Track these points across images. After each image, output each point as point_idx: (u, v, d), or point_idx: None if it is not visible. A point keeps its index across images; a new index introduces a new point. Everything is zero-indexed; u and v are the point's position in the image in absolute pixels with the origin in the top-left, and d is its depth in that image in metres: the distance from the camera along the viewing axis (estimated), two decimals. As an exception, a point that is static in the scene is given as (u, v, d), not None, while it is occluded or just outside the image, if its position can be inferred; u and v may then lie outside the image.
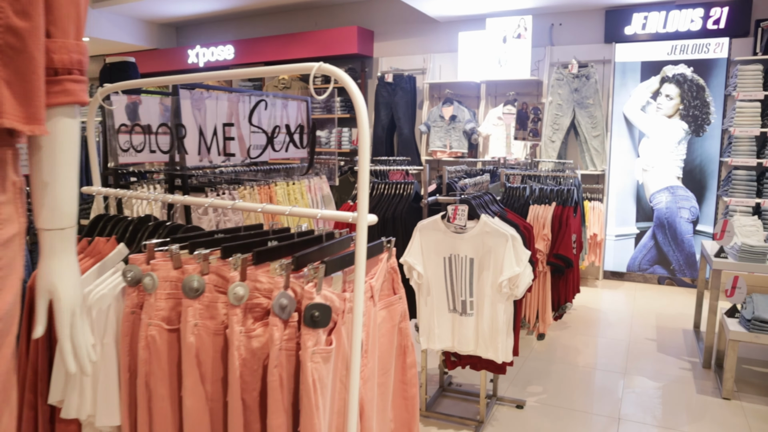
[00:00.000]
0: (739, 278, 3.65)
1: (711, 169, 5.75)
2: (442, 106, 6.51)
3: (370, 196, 3.09)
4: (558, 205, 2.93)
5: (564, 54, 6.20)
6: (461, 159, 6.54)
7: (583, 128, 5.95)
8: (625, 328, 4.70)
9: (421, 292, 2.66)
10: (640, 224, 6.09)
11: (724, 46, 5.55)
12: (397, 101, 6.73)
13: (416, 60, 6.95)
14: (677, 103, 5.76)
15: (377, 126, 6.88)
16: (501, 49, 6.24)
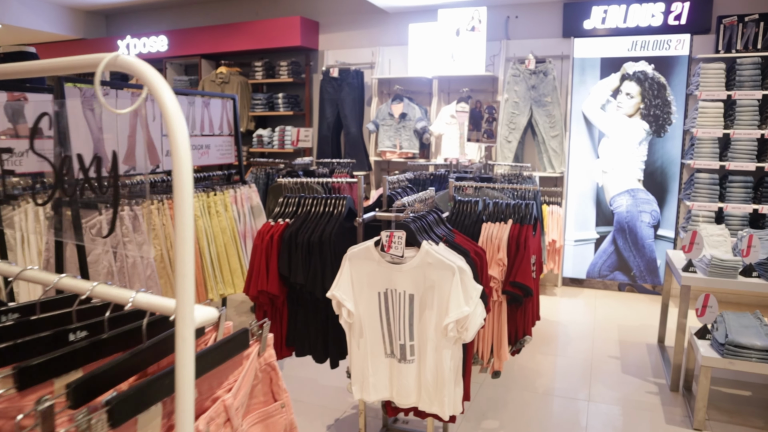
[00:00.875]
0: (710, 297, 3.33)
1: (672, 171, 5.48)
2: (392, 103, 6.06)
3: (293, 214, 2.60)
4: (515, 224, 2.51)
5: (521, 48, 5.83)
6: (412, 160, 6.11)
7: (540, 128, 5.60)
8: (587, 343, 4.36)
9: (352, 332, 2.20)
10: (600, 229, 5.79)
11: (685, 42, 5.27)
12: (343, 98, 6.24)
13: (364, 53, 6.48)
14: (638, 101, 5.46)
15: (322, 124, 6.38)
16: (454, 42, 5.83)
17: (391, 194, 2.92)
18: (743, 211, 4.98)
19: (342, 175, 5.03)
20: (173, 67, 7.62)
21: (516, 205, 2.60)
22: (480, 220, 2.61)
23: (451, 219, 2.64)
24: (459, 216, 2.65)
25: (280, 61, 6.64)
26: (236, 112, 3.91)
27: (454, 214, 2.67)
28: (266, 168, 5.06)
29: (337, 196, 2.60)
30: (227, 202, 3.53)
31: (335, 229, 2.43)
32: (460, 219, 2.62)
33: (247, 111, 6.91)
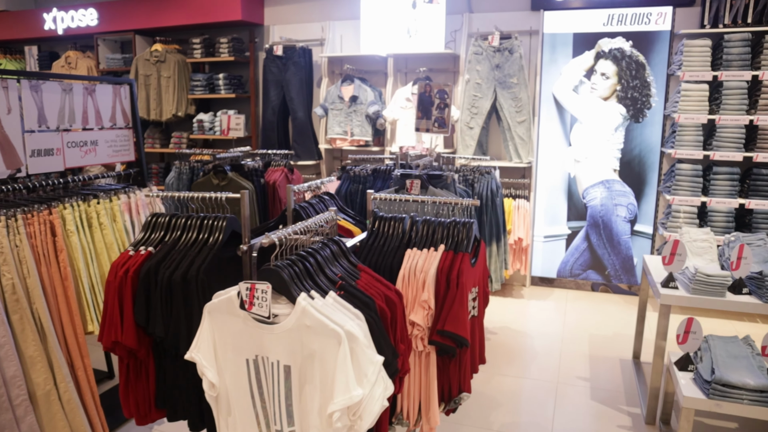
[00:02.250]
0: (694, 321, 2.79)
1: (651, 160, 4.94)
2: (341, 84, 5.41)
3: (161, 240, 1.98)
4: (447, 251, 1.92)
5: (485, 23, 5.20)
6: (365, 149, 5.50)
7: (506, 112, 5.00)
8: (554, 360, 3.84)
9: (219, 409, 1.61)
10: (571, 224, 5.25)
11: (667, 16, 4.69)
12: (288, 78, 5.57)
13: (314, 29, 5.79)
14: (614, 82, 4.89)
15: (267, 109, 5.71)
16: (411, 16, 5.17)
17: (299, 206, 2.32)
18: (728, 206, 4.47)
19: (278, 170, 4.40)
20: (107, 44, 6.86)
21: (451, 226, 2.01)
22: (405, 244, 2.02)
23: (368, 243, 2.04)
24: (378, 239, 2.05)
25: (221, 38, 5.93)
26: (134, 99, 3.25)
27: (373, 237, 2.07)
28: (191, 162, 4.40)
29: (216, 215, 1.99)
30: (116, 212, 2.90)
31: (206, 262, 1.82)
32: (378, 243, 2.03)
33: (186, 93, 6.21)
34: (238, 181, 4.06)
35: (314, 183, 2.51)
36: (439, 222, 2.04)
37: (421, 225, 2.05)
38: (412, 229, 2.06)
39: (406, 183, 3.43)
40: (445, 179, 3.51)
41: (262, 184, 4.23)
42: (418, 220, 2.08)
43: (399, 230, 2.05)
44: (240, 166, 4.16)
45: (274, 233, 1.53)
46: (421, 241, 2.00)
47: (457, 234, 1.98)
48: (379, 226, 2.10)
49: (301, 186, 2.40)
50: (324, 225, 1.75)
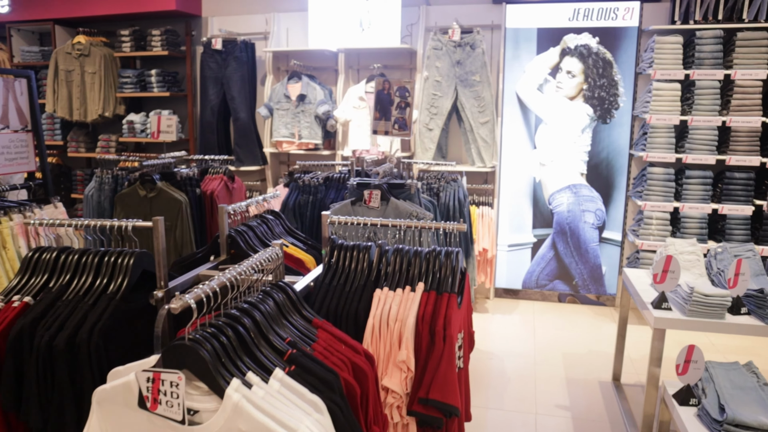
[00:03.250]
0: (695, 349, 2.47)
1: (620, 163, 4.67)
2: (288, 82, 4.91)
3: (43, 287, 1.46)
4: (429, 292, 1.50)
5: (443, 16, 4.82)
6: (314, 152, 5.02)
7: (468, 113, 4.63)
8: (529, 386, 3.48)
9: None
10: (537, 231, 4.94)
11: (634, 11, 4.43)
12: (229, 75, 5.03)
13: (257, 21, 5.27)
14: (580, 81, 4.60)
15: (205, 108, 5.14)
16: (363, 7, 4.73)
17: (236, 233, 1.84)
18: (701, 211, 4.24)
19: (217, 178, 3.87)
20: (22, 35, 6.11)
21: (432, 255, 1.58)
22: (373, 283, 1.57)
23: (324, 282, 1.59)
24: (338, 276, 1.60)
25: (153, 30, 5.32)
26: (33, 95, 2.67)
27: (331, 273, 1.61)
28: (114, 170, 3.82)
29: (120, 250, 1.48)
30: (6, 236, 2.32)
31: (104, 319, 1.32)
32: (338, 282, 1.57)
33: (114, 91, 5.56)
34: (169, 193, 3.52)
35: (254, 200, 2.03)
36: (416, 252, 1.61)
37: (392, 256, 1.61)
38: (382, 261, 1.61)
39: (364, 194, 3.00)
40: (408, 189, 3.10)
41: (198, 194, 3.70)
42: (389, 249, 1.64)
43: (364, 263, 1.61)
44: (172, 175, 3.62)
45: (190, 292, 1.05)
46: (394, 279, 1.57)
47: (440, 268, 1.56)
48: (338, 258, 1.64)
49: (238, 205, 1.92)
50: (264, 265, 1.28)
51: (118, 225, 1.61)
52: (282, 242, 1.40)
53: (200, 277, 1.64)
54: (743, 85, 4.04)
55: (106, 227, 1.61)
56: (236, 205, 1.91)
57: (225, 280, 1.09)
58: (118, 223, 1.61)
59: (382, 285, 1.56)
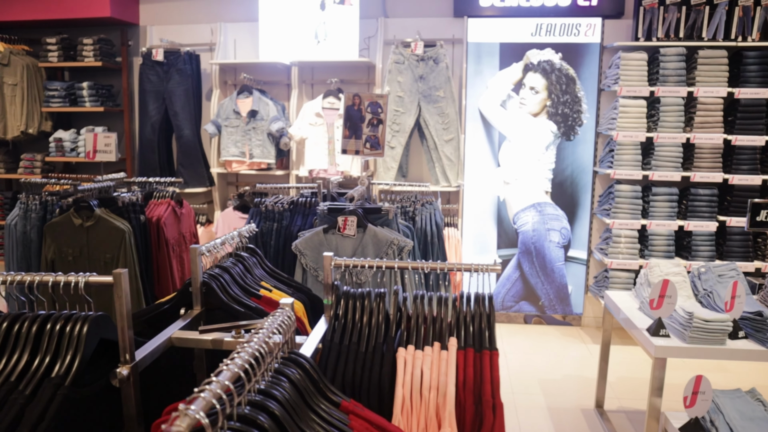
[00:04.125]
0: (703, 380, 2.33)
1: (584, 181, 4.60)
2: (237, 97, 4.56)
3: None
4: (465, 350, 1.23)
5: (402, 29, 4.62)
6: (266, 172, 4.67)
7: (431, 130, 4.43)
8: (510, 418, 3.26)
9: None
10: (502, 252, 4.78)
11: (596, 28, 4.38)
12: (172, 89, 4.62)
13: (201, 31, 4.89)
14: (544, 97, 4.50)
15: (144, 125, 4.70)
16: (319, 18, 4.47)
17: (209, 278, 1.50)
18: (668, 228, 4.20)
19: (163, 203, 3.47)
20: (-72, 43, 5.42)
21: (458, 301, 1.32)
22: (391, 339, 1.29)
23: (333, 342, 1.28)
24: (348, 334, 1.30)
25: (84, 38, 4.83)
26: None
27: (340, 330, 1.31)
28: (43, 194, 3.34)
29: (69, 314, 1.14)
30: None
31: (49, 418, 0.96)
32: (351, 341, 1.28)
33: (39, 105, 5.01)
34: (109, 221, 3.11)
35: (229, 237, 1.70)
36: (440, 299, 1.34)
37: (412, 305, 1.33)
38: (399, 313, 1.33)
39: (338, 221, 2.71)
40: (386, 214, 2.83)
41: (142, 222, 3.29)
42: (405, 295, 1.36)
43: (379, 315, 1.32)
44: (112, 200, 3.20)
45: (196, 401, 0.71)
46: (419, 334, 1.29)
47: (472, 317, 1.29)
48: (346, 309, 1.35)
49: (213, 245, 1.58)
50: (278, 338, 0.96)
51: (65, 281, 1.24)
52: (289, 305, 1.09)
53: (174, 342, 1.30)
54: (705, 102, 4.04)
55: (48, 284, 1.24)
56: (210, 244, 1.58)
57: (237, 370, 0.78)
58: (65, 279, 1.24)
59: (405, 342, 1.28)
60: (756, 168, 4.10)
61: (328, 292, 1.41)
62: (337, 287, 1.41)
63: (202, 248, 1.50)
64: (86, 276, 1.24)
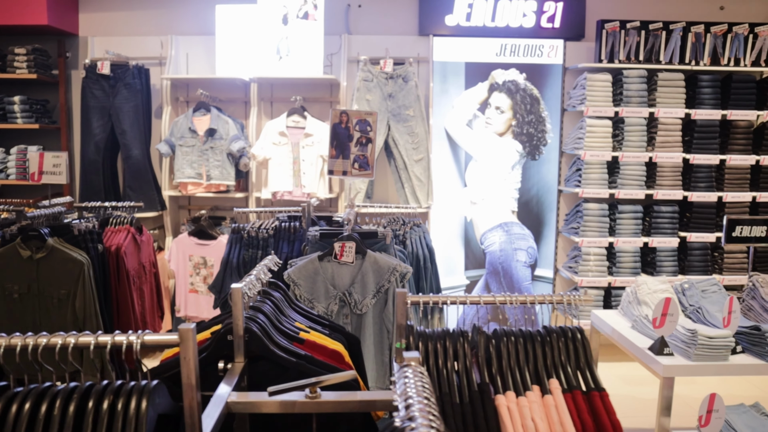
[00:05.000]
0: (717, 397, 2.31)
1: (549, 200, 4.63)
2: (194, 114, 4.26)
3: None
4: (572, 392, 1.10)
5: (366, 46, 4.51)
6: (225, 194, 4.39)
7: (401, 149, 4.32)
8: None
9: None
10: (470, 273, 4.72)
11: (558, 49, 4.46)
12: (119, 105, 4.25)
13: (150, 44, 4.56)
14: (509, 117, 4.51)
15: (87, 144, 4.30)
16: (281, 33, 4.27)
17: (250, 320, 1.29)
18: (634, 245, 4.29)
19: (122, 230, 3.13)
20: None
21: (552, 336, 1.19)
22: (486, 386, 1.13)
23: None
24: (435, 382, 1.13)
25: (16, 48, 4.36)
26: None
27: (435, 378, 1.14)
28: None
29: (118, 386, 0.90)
30: None
31: None
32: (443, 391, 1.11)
33: (-41, 122, 4.47)
34: (64, 252, 2.76)
35: (260, 269, 1.49)
36: (526, 335, 1.20)
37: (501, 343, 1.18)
38: (488, 350, 1.18)
39: (335, 247, 2.52)
40: (383, 239, 2.68)
41: (100, 252, 2.95)
42: (498, 330, 1.21)
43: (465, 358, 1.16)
44: (66, 228, 2.85)
45: None
46: (514, 377, 1.14)
47: (567, 353, 1.16)
48: (426, 353, 1.18)
49: (250, 280, 1.37)
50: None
51: (114, 342, 0.99)
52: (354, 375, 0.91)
53: (232, 408, 1.08)
54: (665, 122, 4.19)
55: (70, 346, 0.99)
56: (248, 281, 1.35)
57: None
58: (111, 340, 0.99)
59: (501, 388, 1.12)
60: (712, 185, 4.28)
61: (401, 335, 1.23)
62: (410, 327, 1.24)
63: (243, 287, 1.28)
64: (142, 335, 0.99)
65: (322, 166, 4.23)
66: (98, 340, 0.97)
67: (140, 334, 0.99)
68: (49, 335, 1.02)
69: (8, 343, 0.99)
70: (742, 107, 4.18)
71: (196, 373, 0.91)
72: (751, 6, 4.59)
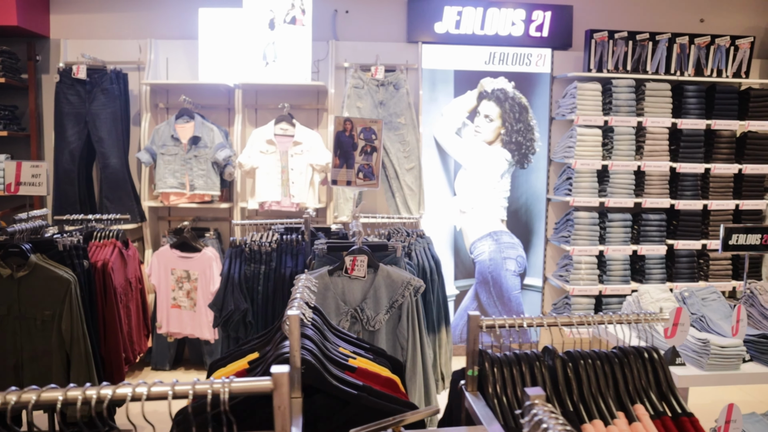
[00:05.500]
0: (735, 408, 2.30)
1: (538, 208, 4.63)
2: (176, 121, 4.09)
3: None
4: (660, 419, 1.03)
5: (354, 53, 4.42)
6: (209, 205, 4.22)
7: (392, 158, 4.24)
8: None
9: None
10: (459, 282, 4.66)
11: (546, 58, 4.47)
12: (96, 112, 4.04)
13: (127, 48, 4.36)
14: (498, 125, 4.49)
15: (61, 152, 4.06)
16: (268, 38, 4.14)
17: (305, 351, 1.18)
18: (624, 253, 4.32)
19: (108, 244, 2.95)
20: None
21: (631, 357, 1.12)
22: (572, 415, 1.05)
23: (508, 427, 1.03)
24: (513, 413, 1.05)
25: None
26: None
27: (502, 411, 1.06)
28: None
29: None
30: None
31: None
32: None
33: None
34: (49, 269, 2.57)
35: (304, 290, 1.37)
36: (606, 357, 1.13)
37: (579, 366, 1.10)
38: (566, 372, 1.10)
39: (346, 261, 2.42)
40: (393, 252, 2.58)
41: (86, 269, 2.76)
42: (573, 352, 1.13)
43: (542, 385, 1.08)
44: (49, 243, 2.65)
45: None
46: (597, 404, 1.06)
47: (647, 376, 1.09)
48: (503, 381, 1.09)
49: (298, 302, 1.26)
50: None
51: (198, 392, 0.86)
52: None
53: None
54: (653, 131, 4.23)
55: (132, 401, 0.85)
56: (298, 304, 1.24)
57: None
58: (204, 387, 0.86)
59: (584, 416, 1.05)
60: (697, 194, 4.34)
61: (474, 362, 1.14)
62: (487, 354, 1.15)
63: (297, 311, 1.17)
64: (229, 383, 0.86)
65: (312, 176, 4.11)
66: (175, 389, 0.84)
67: (225, 381, 0.86)
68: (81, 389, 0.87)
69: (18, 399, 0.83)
70: (725, 117, 4.27)
71: (290, 424, 0.80)
72: (729, 19, 4.71)
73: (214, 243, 4.26)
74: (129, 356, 3.03)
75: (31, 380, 2.62)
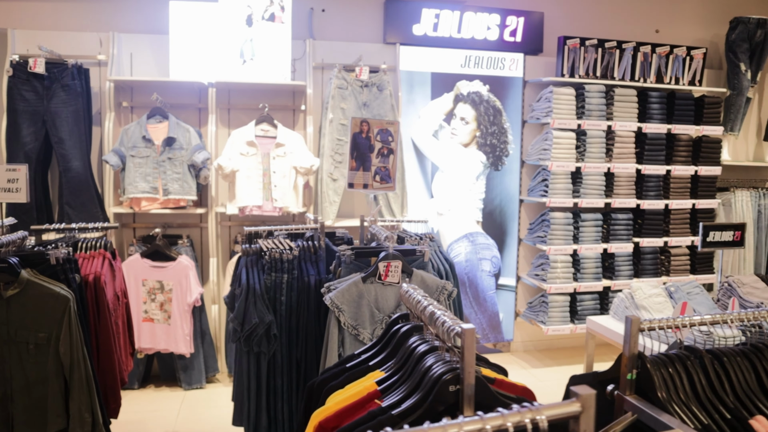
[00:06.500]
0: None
1: (512, 210, 4.73)
2: (148, 121, 3.81)
3: None
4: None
5: (331, 52, 4.31)
6: (183, 210, 3.98)
7: (375, 161, 4.16)
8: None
9: None
10: (437, 284, 4.66)
11: (519, 63, 4.58)
12: (56, 110, 3.69)
13: (86, 40, 4.01)
14: (474, 128, 4.54)
15: (16, 154, 3.68)
16: (245, 35, 3.96)
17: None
18: (595, 251, 4.50)
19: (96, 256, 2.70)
20: None
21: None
22: (738, 414, 1.06)
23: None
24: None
25: None
26: None
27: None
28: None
29: None
30: None
31: None
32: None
33: None
34: (43, 286, 2.33)
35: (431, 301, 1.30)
36: (744, 353, 1.15)
37: (725, 362, 1.12)
38: (715, 370, 1.11)
39: (379, 267, 2.35)
40: (421, 256, 2.54)
41: (78, 284, 2.51)
42: (715, 349, 1.15)
43: (699, 384, 1.08)
44: (40, 257, 2.39)
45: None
46: (752, 400, 1.08)
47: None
48: (666, 383, 1.08)
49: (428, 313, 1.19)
50: None
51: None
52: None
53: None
54: (622, 135, 4.44)
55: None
56: (449, 315, 1.17)
57: None
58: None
59: (742, 412, 1.06)
60: (660, 194, 4.60)
61: (632, 365, 1.13)
62: (645, 356, 1.14)
63: (471, 325, 1.10)
64: (542, 409, 0.77)
65: (295, 179, 3.96)
66: (463, 429, 0.75)
67: (538, 407, 0.78)
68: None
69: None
70: (684, 122, 4.55)
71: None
72: (682, 30, 5.03)
73: (188, 251, 4.02)
74: (123, 377, 2.78)
75: (23, 412, 2.34)
